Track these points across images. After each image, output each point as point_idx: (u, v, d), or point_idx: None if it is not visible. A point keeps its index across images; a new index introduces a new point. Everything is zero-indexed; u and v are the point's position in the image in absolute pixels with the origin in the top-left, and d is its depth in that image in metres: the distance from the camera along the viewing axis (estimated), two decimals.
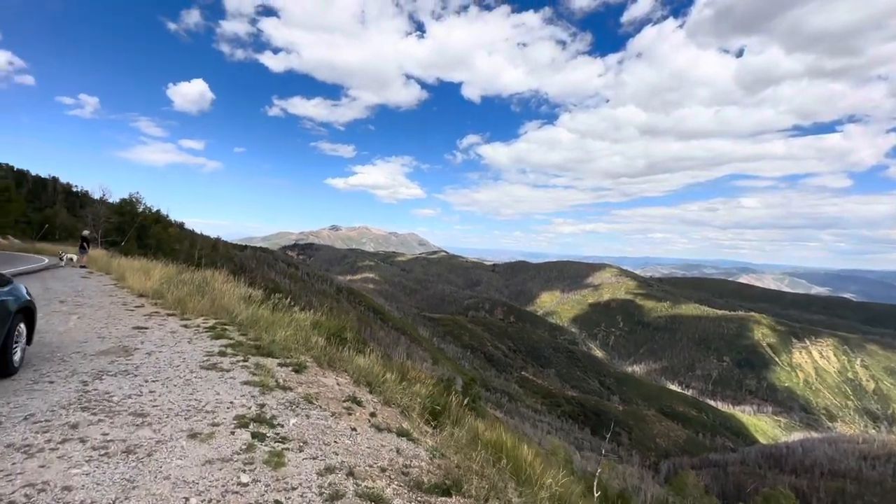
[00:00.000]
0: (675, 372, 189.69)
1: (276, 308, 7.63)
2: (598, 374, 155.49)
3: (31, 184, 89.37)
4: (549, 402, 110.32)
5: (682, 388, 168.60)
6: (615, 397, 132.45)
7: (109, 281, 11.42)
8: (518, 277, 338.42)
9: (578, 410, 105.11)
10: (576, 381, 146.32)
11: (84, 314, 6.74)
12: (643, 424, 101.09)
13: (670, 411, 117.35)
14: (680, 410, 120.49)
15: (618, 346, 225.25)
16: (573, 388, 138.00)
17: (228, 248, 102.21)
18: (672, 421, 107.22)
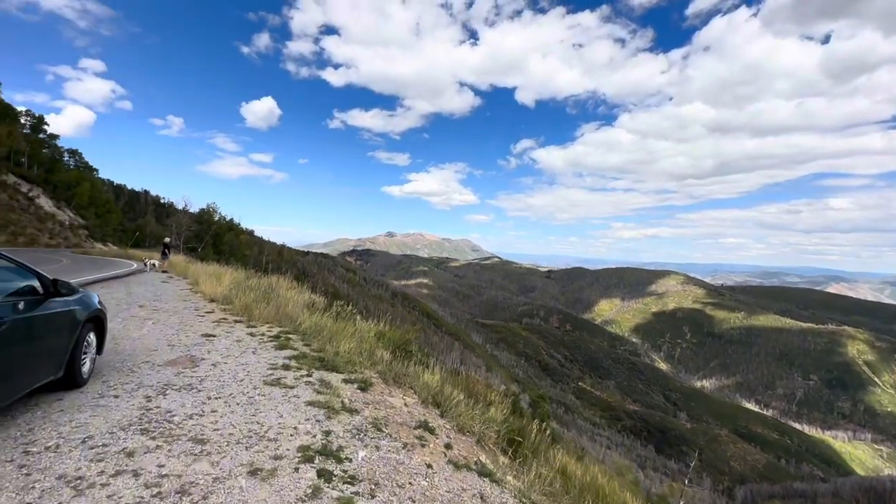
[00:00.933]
0: (751, 389, 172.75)
1: (339, 316, 7.39)
2: (662, 388, 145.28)
3: (128, 197, 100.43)
4: (609, 415, 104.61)
5: (760, 407, 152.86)
6: (682, 414, 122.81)
7: (185, 285, 11.96)
8: (574, 284, 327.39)
9: (641, 426, 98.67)
10: (638, 395, 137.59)
11: (158, 320, 6.87)
12: (715, 445, 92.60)
13: (746, 432, 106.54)
14: (758, 432, 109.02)
15: (685, 358, 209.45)
16: (635, 401, 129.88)
17: (292, 253, 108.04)
18: (749, 443, 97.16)
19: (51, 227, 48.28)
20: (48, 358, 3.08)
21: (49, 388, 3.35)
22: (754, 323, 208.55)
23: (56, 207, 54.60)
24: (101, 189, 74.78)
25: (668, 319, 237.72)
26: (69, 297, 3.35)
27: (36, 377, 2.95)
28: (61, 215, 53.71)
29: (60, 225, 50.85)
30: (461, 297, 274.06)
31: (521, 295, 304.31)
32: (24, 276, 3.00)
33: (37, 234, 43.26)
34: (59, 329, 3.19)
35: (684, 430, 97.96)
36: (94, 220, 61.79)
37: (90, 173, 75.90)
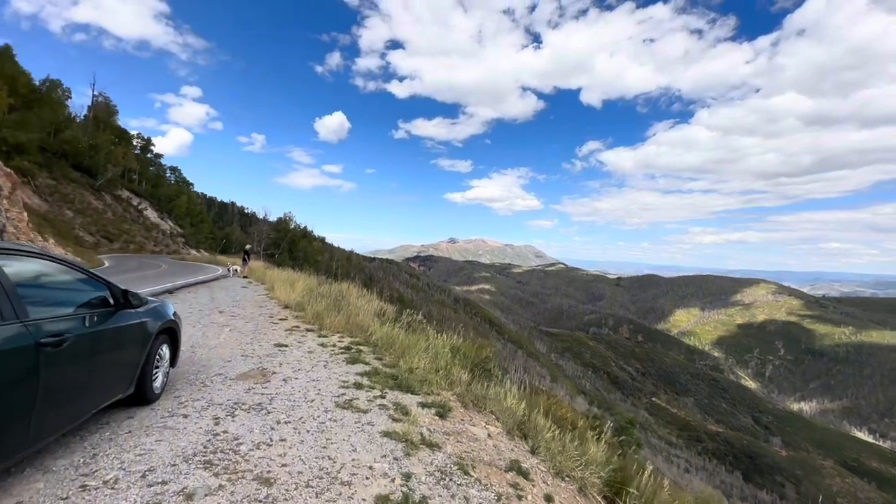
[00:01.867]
0: (862, 416, 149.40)
1: (410, 327, 6.99)
2: (750, 409, 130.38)
3: (217, 207, 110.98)
4: (687, 435, 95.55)
5: (875, 437, 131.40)
6: (775, 439, 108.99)
7: (263, 291, 12.37)
8: (647, 293, 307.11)
9: (725, 449, 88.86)
10: (721, 415, 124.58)
11: (235, 327, 6.91)
12: (817, 477, 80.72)
13: (857, 465, 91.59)
14: (872, 466, 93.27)
15: (778, 377, 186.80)
16: (717, 422, 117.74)
17: (360, 259, 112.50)
18: (860, 478, 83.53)
19: (155, 235, 54.32)
20: (118, 374, 2.88)
21: (122, 404, 3.18)
22: (866, 339, 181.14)
23: (159, 218, 61.47)
24: (196, 201, 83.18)
25: (757, 333, 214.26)
26: (140, 309, 3.17)
27: (105, 396, 2.74)
28: (163, 225, 60.35)
29: (163, 233, 57.05)
30: (524, 303, 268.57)
31: (588, 303, 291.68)
32: (95, 287, 2.82)
33: (144, 242, 48.81)
34: (129, 343, 3.00)
35: (779, 458, 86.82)
36: (190, 228, 68.78)
37: (187, 187, 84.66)
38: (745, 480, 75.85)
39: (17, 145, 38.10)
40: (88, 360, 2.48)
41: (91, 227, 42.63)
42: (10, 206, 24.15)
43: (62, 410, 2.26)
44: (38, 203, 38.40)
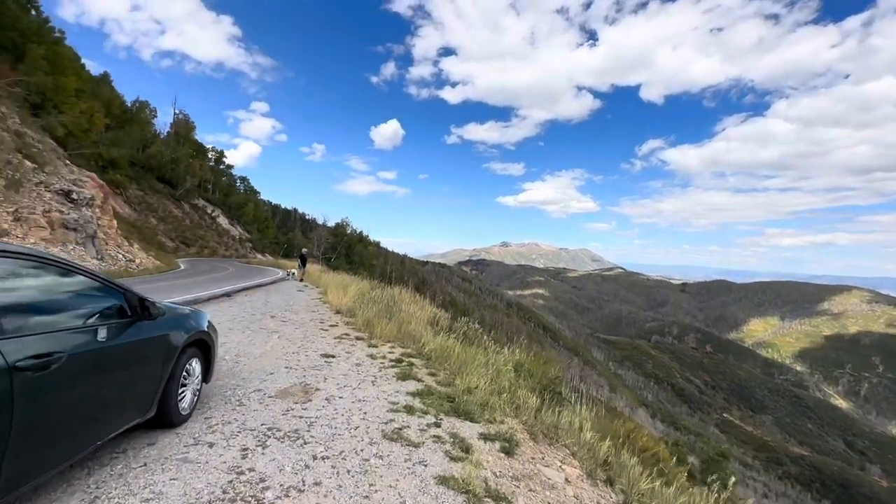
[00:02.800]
0: None
1: (467, 337, 6.35)
2: (842, 432, 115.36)
3: (281, 214, 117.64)
4: (765, 457, 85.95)
5: None
6: (874, 467, 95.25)
7: (316, 295, 12.32)
8: (716, 299, 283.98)
9: (811, 475, 78.82)
10: (805, 436, 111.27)
11: (284, 333, 6.63)
12: None
13: None
14: None
15: (876, 397, 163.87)
16: (801, 444, 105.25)
17: (413, 263, 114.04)
18: None
19: (226, 240, 58.25)
20: (133, 397, 2.46)
21: (146, 425, 2.80)
22: None
23: (230, 224, 65.96)
24: (262, 208, 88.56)
25: (849, 346, 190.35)
26: (163, 320, 2.77)
27: (114, 423, 2.33)
28: (233, 231, 64.67)
29: (232, 238, 61.06)
30: (580, 309, 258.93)
31: (650, 310, 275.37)
32: (110, 295, 2.42)
33: (216, 247, 52.43)
34: (148, 360, 2.58)
35: (878, 489, 75.83)
36: (256, 234, 73.26)
37: (254, 196, 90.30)
38: None
39: (112, 160, 42.34)
40: (91, 382, 2.05)
41: (172, 234, 46.44)
42: (102, 215, 26.59)
43: (50, 448, 1.83)
44: (128, 212, 42.42)
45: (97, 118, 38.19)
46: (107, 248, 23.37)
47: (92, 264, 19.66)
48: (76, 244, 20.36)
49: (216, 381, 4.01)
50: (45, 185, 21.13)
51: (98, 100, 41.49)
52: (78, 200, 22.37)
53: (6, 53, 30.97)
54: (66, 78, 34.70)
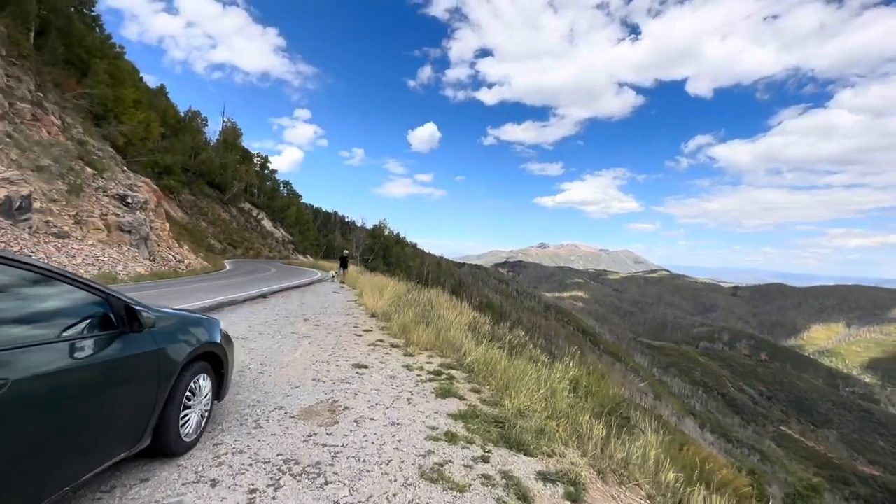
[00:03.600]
0: None
1: (512, 347, 5.69)
2: None
3: (322, 217, 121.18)
4: (829, 475, 78.52)
5: None
6: None
7: (352, 297, 12.02)
8: (772, 304, 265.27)
9: (883, 497, 71.04)
10: (876, 454, 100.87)
11: (315, 339, 6.23)
12: None
13: None
14: None
15: None
16: (871, 462, 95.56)
17: (449, 265, 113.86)
18: None
19: (270, 242, 60.34)
20: (119, 425, 2.00)
21: (144, 454, 2.36)
22: None
23: (273, 227, 68.37)
24: (304, 211, 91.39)
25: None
26: (160, 329, 2.31)
27: (96, 458, 1.87)
28: (277, 233, 66.95)
29: (276, 240, 63.19)
30: (622, 313, 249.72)
31: (697, 314, 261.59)
32: (89, 302, 1.94)
33: (261, 248, 54.35)
34: (138, 380, 2.10)
35: None
36: (298, 236, 75.60)
37: (296, 199, 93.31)
38: None
39: (166, 167, 44.81)
40: (55, 413, 1.59)
41: (220, 236, 48.53)
42: (155, 218, 27.94)
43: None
44: (181, 216, 44.70)
45: (153, 127, 40.51)
46: (158, 250, 24.45)
47: (144, 265, 20.55)
48: (130, 245, 21.36)
49: (235, 394, 3.58)
50: (104, 190, 22.35)
51: (154, 110, 44.05)
52: (132, 204, 23.54)
53: (73, 69, 33.32)
54: (125, 90, 37.00)
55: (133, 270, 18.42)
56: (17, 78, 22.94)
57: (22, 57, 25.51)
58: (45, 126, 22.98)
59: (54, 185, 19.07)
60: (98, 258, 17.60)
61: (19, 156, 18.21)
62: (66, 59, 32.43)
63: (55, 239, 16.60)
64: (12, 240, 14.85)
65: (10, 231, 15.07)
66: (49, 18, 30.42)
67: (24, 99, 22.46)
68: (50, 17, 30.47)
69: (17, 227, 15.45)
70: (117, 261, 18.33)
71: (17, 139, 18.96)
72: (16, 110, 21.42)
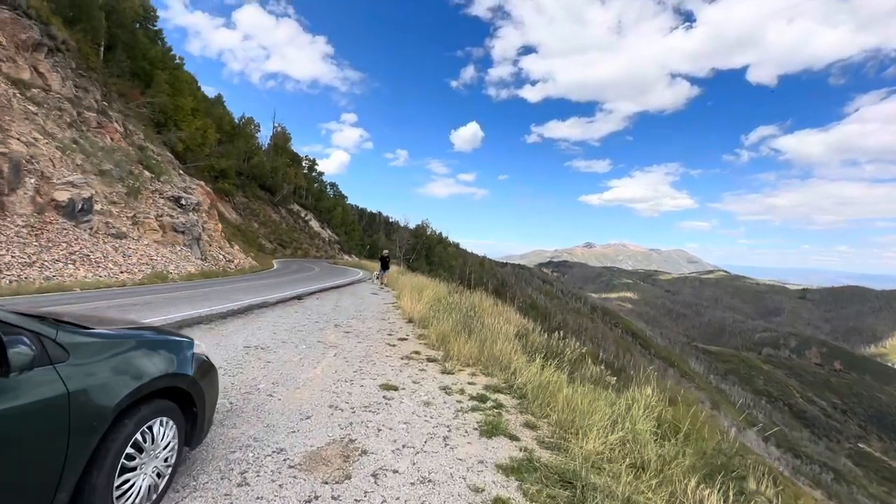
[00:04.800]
0: None
1: (572, 365, 4.70)
2: None
3: (367, 217, 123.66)
4: None
5: None
6: None
7: (391, 298, 11.40)
8: (847, 308, 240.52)
9: None
10: None
11: (343, 349, 5.53)
12: None
13: None
14: None
15: None
16: None
17: (492, 264, 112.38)
18: None
19: (317, 242, 61.98)
20: None
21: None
22: None
23: (320, 227, 70.27)
24: (349, 212, 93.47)
25: None
26: (77, 364, 1.55)
27: None
28: (323, 233, 68.75)
29: (322, 240, 64.84)
30: (674, 315, 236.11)
31: (760, 318, 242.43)
32: None
33: (308, 248, 55.88)
34: (27, 442, 1.37)
35: None
36: (344, 236, 77.32)
37: (342, 200, 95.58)
38: None
39: (222, 171, 47.02)
40: None
41: (270, 236, 50.31)
42: (208, 219, 29.04)
43: None
44: (234, 217, 46.74)
45: (210, 134, 42.53)
46: (210, 250, 25.32)
47: (196, 264, 21.21)
48: (183, 245, 22.14)
49: (231, 427, 2.88)
50: (160, 193, 23.38)
51: (211, 118, 46.31)
52: (186, 206, 24.47)
53: (137, 80, 35.53)
54: (183, 99, 39.01)
55: (184, 269, 18.97)
56: (84, 89, 24.51)
57: (90, 69, 27.32)
58: (109, 133, 24.36)
59: (115, 188, 20.03)
60: (152, 258, 18.22)
61: (84, 161, 19.26)
62: (132, 70, 34.58)
63: (113, 239, 17.32)
64: (73, 240, 15.60)
65: (71, 232, 15.84)
66: (116, 33, 32.52)
67: (91, 108, 23.91)
68: (117, 33, 32.57)
69: (78, 227, 16.21)
70: (170, 260, 18.93)
71: (82, 145, 20.11)
72: (83, 119, 22.83)
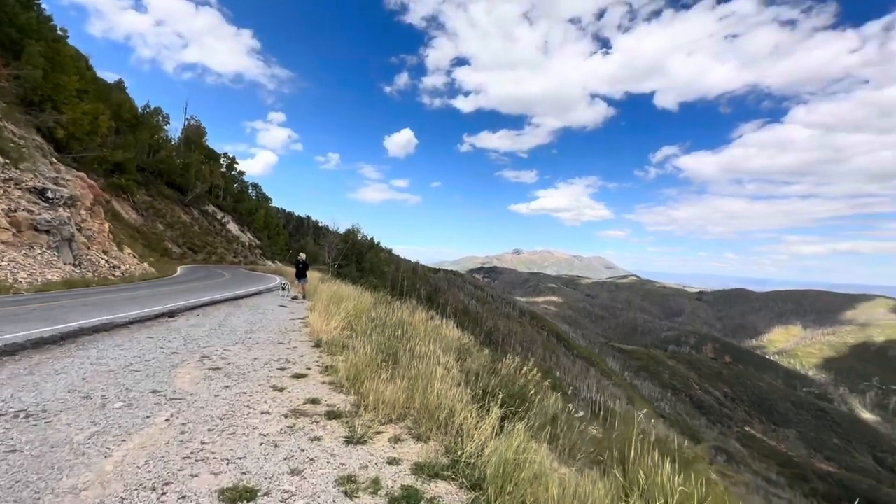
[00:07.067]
0: None
1: (546, 418, 3.28)
2: (871, 448, 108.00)
3: (295, 221, 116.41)
4: (790, 472, 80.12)
5: None
6: None
7: (303, 312, 9.39)
8: (734, 309, 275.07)
9: (839, 493, 72.72)
10: (832, 452, 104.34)
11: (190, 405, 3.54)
12: None
13: None
14: None
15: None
16: (828, 459, 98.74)
17: (425, 270, 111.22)
18: None
19: (235, 247, 56.34)
20: None
21: None
22: None
23: (240, 231, 64.17)
24: (273, 215, 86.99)
25: (876, 357, 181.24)
26: None
27: None
28: (243, 237, 62.79)
29: (242, 245, 59.15)
30: (594, 318, 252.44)
31: (665, 318, 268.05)
32: None
33: (225, 253, 50.42)
34: None
35: None
36: (267, 241, 71.39)
37: (266, 202, 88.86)
38: None
39: (118, 164, 40.63)
40: None
41: (179, 240, 44.47)
42: (90, 218, 24.26)
43: None
44: (134, 217, 40.55)
45: (102, 120, 36.33)
46: (87, 254, 20.94)
47: (63, 271, 17.19)
48: (48, 248, 17.92)
49: None
50: (16, 182, 18.80)
51: (106, 104, 39.80)
52: (54, 200, 20.01)
53: (2, 49, 29.37)
54: (66, 77, 32.89)
55: (42, 277, 15.14)
56: None
57: None
58: None
59: None
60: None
61: None
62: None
63: None
64: None
65: None
66: None
67: None
68: None
69: None
70: (20, 266, 15.01)
71: None
72: None
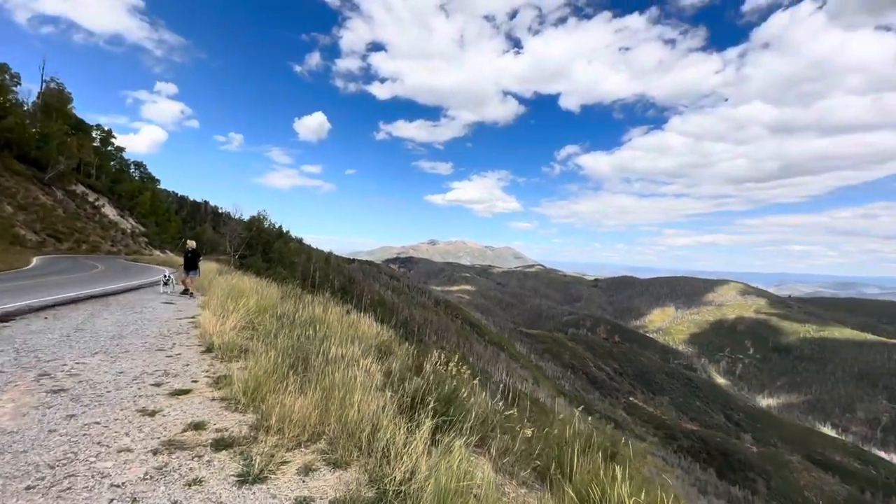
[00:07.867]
0: (825, 411, 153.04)
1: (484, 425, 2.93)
2: (722, 407, 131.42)
3: (189, 207, 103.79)
4: (663, 433, 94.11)
5: (838, 432, 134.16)
6: (746, 436, 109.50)
7: (195, 308, 8.07)
8: (623, 294, 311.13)
9: (699, 447, 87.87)
10: (695, 413, 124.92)
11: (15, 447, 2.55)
12: (785, 472, 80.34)
13: (822, 460, 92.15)
14: (836, 460, 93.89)
15: (747, 375, 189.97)
16: (692, 420, 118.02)
17: (339, 261, 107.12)
18: (825, 472, 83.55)
19: (113, 234, 48.34)
20: None
21: None
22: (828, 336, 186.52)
23: (119, 216, 55.20)
24: (162, 198, 76.71)
25: (728, 332, 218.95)
26: None
27: None
28: (123, 223, 54.12)
29: (122, 233, 51.06)
30: (504, 305, 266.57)
31: (566, 304, 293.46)
32: None
33: (99, 242, 42.90)
34: None
35: (750, 455, 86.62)
36: (154, 228, 62.55)
37: (152, 184, 78.21)
38: (719, 477, 76.39)
39: None
40: None
41: (36, 225, 36.76)
42: None
43: None
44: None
45: None
46: None
47: None
48: None
49: None
50: None
51: None
52: None
53: None
54: None
55: None
56: None
57: None
58: None
59: None
60: None
61: None
62: None
63: None
64: None
65: None
66: None
67: None
68: None
69: None
70: None
71: None
72: None
